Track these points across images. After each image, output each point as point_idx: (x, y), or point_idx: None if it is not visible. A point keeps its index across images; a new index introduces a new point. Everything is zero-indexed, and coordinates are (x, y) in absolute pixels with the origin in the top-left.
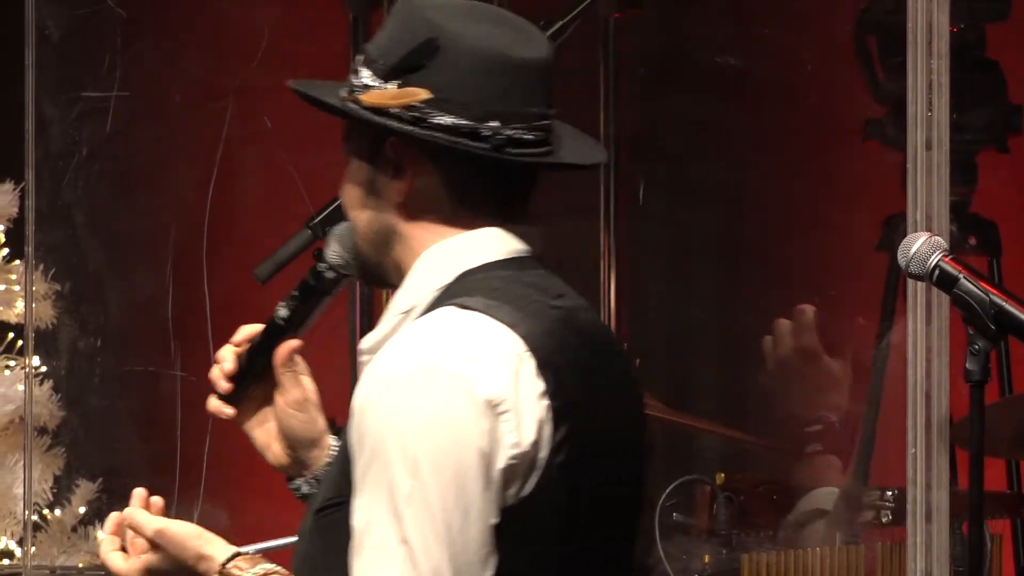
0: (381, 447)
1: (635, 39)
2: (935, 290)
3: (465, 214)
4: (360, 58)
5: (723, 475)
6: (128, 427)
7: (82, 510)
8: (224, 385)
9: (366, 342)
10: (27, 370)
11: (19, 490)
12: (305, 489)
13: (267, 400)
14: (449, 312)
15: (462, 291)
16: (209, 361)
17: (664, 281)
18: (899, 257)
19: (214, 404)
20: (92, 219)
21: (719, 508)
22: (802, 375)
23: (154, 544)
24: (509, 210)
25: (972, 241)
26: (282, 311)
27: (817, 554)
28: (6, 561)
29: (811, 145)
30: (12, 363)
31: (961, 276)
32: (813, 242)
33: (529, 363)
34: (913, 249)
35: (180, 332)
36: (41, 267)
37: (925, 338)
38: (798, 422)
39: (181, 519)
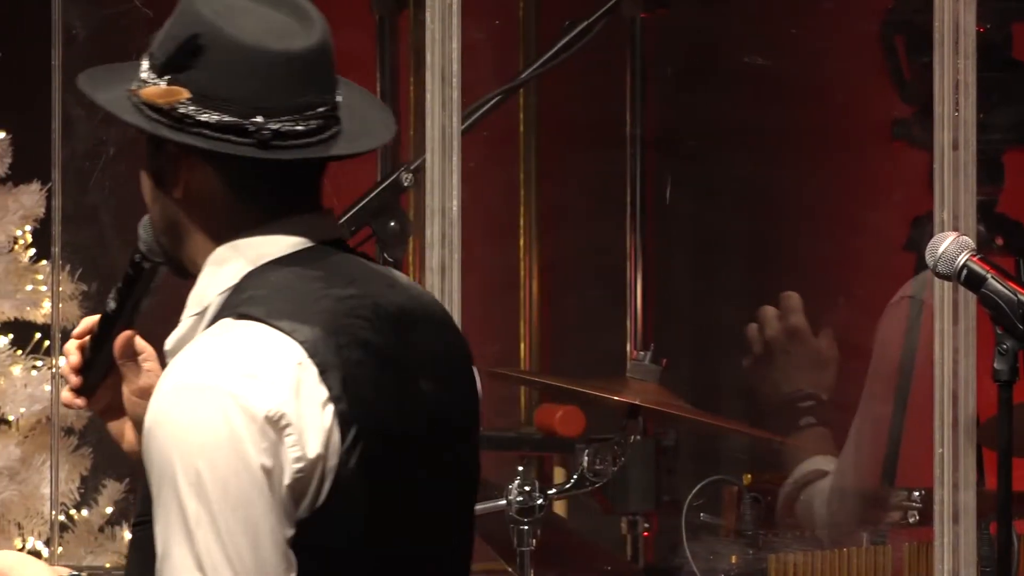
0: (168, 469)
1: (662, 39)
2: (962, 289)
3: (247, 210)
4: (146, 52)
5: (750, 476)
6: None
7: (109, 510)
8: (73, 379)
9: (168, 343)
10: (54, 370)
11: (46, 490)
12: None
13: (118, 389)
14: (228, 325)
15: (246, 294)
16: None
17: (691, 281)
18: (927, 257)
19: (66, 397)
20: (118, 219)
21: (746, 508)
22: (790, 354)
23: None
24: (294, 202)
25: (999, 241)
26: (111, 303)
27: (844, 555)
28: None
29: (838, 145)
30: (39, 363)
31: (989, 276)
32: (840, 242)
33: (310, 371)
34: (941, 249)
35: None
36: (68, 267)
37: (952, 338)
38: (790, 398)
39: None
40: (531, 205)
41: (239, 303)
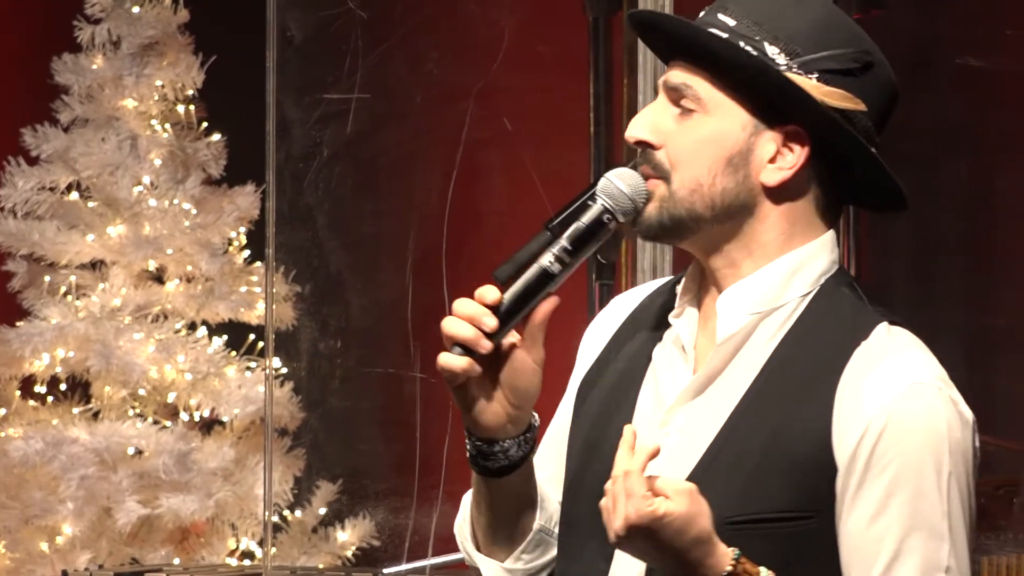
0: (918, 469)
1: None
2: None
3: (822, 214)
4: (754, 26)
5: None
6: (368, 428)
7: (322, 511)
8: (491, 321)
9: (720, 337)
10: (268, 371)
11: (260, 491)
12: (514, 452)
13: (500, 357)
14: (897, 332)
15: (847, 301)
16: None
17: (906, 284)
18: None
19: (471, 336)
20: (332, 221)
21: None
22: None
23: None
24: (836, 213)
25: None
26: (552, 262)
27: None
28: (247, 562)
29: None
30: (253, 364)
31: None
32: None
33: None
34: None
35: (420, 334)
36: (282, 269)
37: None
38: None
39: (420, 522)
40: None
41: (868, 310)
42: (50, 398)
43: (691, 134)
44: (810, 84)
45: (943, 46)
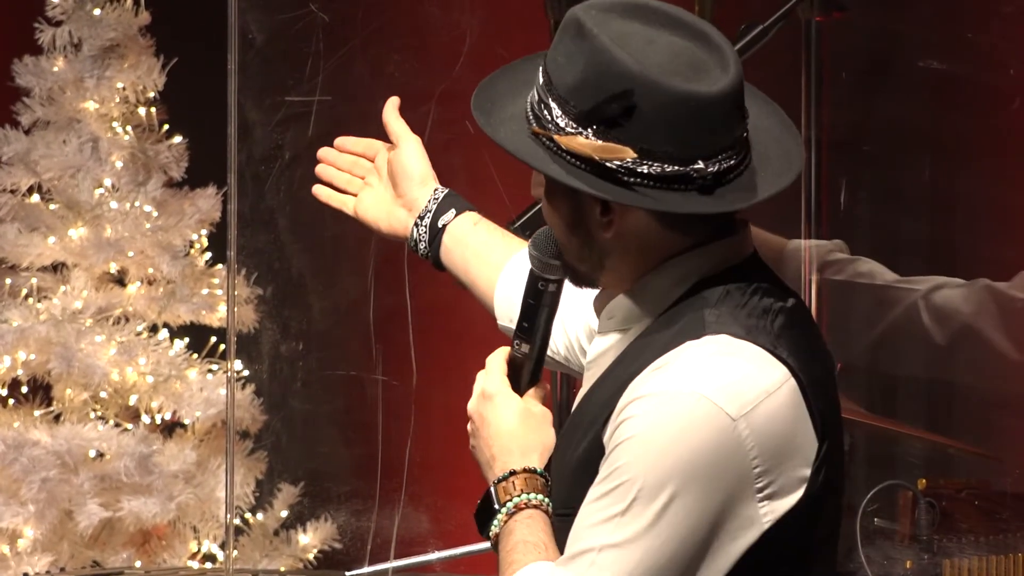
0: (630, 467)
1: (839, 42)
2: None
3: (677, 241)
4: (545, 88)
5: (924, 480)
6: (330, 431)
7: (284, 514)
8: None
9: (590, 355)
10: (229, 374)
11: (222, 494)
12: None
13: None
14: (713, 340)
15: (706, 313)
16: (411, 366)
17: None
18: None
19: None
20: (294, 223)
21: (920, 513)
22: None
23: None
24: (718, 228)
25: None
26: (521, 346)
27: (1021, 561)
28: (209, 565)
29: (1017, 149)
30: (214, 367)
31: None
32: (1020, 246)
33: (792, 384)
34: None
35: (382, 336)
36: (243, 271)
37: None
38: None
39: (382, 524)
40: None
41: (706, 321)
42: (11, 400)
43: (545, 208)
44: (583, 142)
45: (904, 48)
